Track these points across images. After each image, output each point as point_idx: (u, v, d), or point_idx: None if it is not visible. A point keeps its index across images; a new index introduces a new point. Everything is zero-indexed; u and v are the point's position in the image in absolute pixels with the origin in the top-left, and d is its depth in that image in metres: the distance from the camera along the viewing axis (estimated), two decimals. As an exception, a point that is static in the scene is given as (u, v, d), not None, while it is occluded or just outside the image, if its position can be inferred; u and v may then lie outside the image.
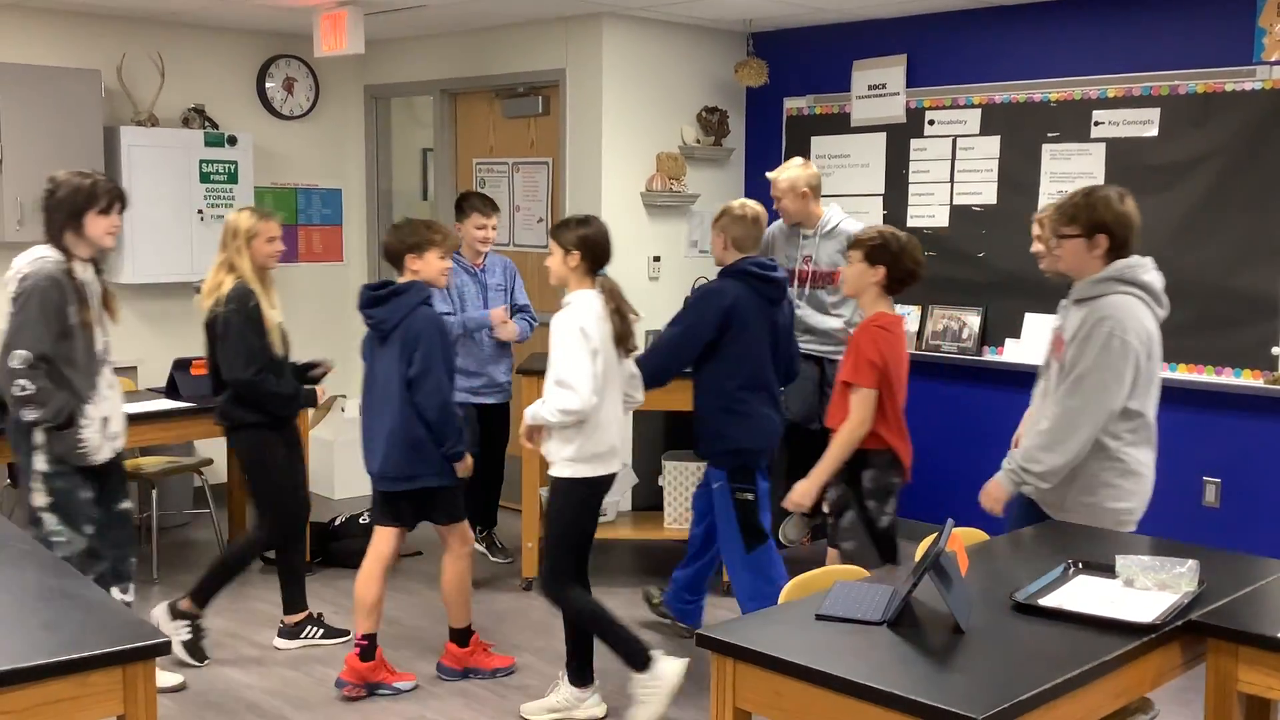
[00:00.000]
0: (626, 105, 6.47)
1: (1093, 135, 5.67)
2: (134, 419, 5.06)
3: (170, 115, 6.72)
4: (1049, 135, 5.81)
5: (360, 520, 5.81)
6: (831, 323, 5.41)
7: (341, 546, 5.86)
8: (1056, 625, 2.81)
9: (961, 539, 3.01)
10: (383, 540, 4.41)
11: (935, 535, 2.94)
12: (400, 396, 4.23)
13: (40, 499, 4.07)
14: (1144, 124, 5.52)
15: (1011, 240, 5.92)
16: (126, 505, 4.37)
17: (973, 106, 6.05)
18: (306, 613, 4.91)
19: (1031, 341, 5.81)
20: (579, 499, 4.05)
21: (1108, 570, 3.12)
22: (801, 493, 4.12)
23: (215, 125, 6.86)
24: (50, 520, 4.08)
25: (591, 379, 3.88)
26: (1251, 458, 5.31)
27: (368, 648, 4.36)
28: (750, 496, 4.52)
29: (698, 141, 6.75)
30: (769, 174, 5.38)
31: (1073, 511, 3.66)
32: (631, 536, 5.90)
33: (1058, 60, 5.78)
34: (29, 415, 3.98)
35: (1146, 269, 3.61)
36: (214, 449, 6.14)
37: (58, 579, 2.91)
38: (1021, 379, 5.91)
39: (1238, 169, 5.27)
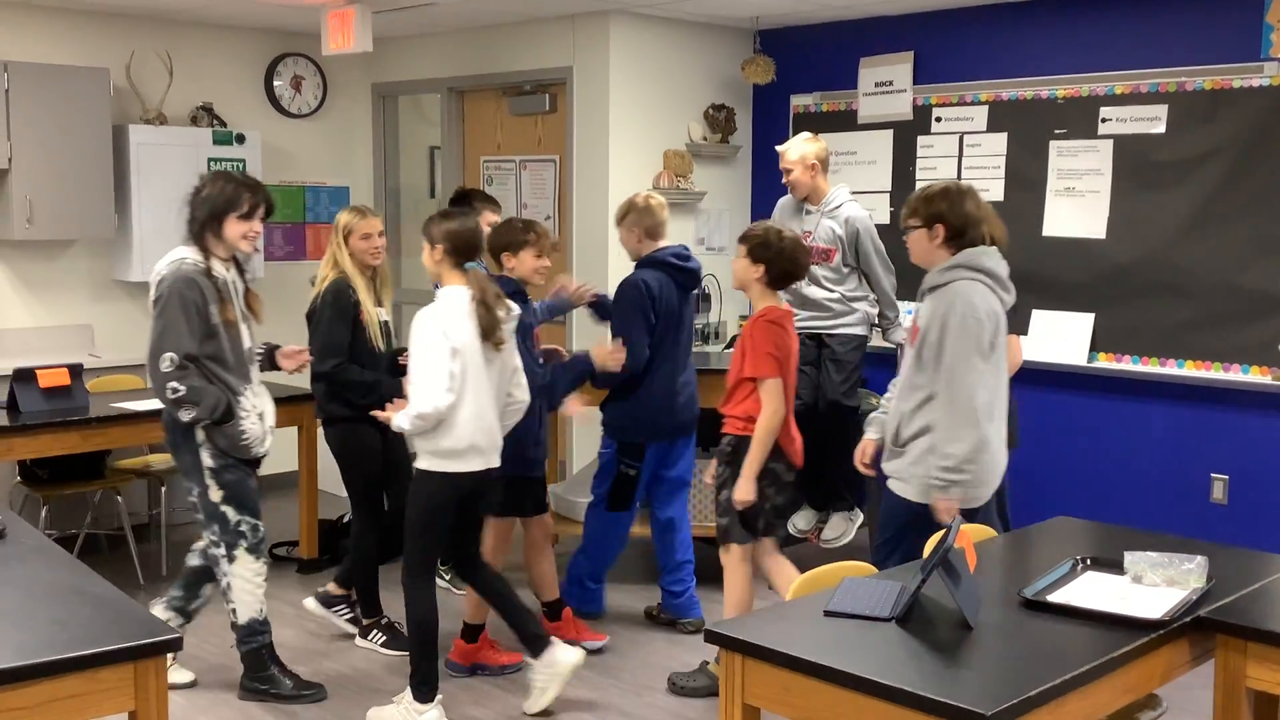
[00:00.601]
0: (634, 103, 6.47)
1: (1100, 132, 5.66)
2: (144, 416, 5.11)
3: (178, 113, 6.73)
4: (1056, 132, 5.80)
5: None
6: (825, 295, 5.37)
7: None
8: (1065, 621, 2.82)
9: (970, 535, 3.02)
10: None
11: (944, 532, 2.94)
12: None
13: (215, 494, 4.18)
14: (1151, 120, 5.51)
15: (1019, 237, 5.90)
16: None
17: (980, 103, 6.05)
18: (376, 618, 4.91)
19: (1040, 338, 5.81)
20: (431, 491, 4.02)
21: (1116, 566, 3.12)
22: (742, 491, 4.19)
23: (223, 123, 6.87)
24: (230, 513, 4.20)
25: (447, 379, 3.88)
26: (1259, 454, 5.31)
27: (476, 629, 4.54)
28: (632, 473, 4.90)
29: (705, 139, 6.75)
30: (778, 147, 5.39)
31: (914, 481, 3.69)
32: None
33: (1065, 57, 5.78)
34: (185, 416, 4.05)
35: (991, 256, 3.73)
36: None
37: (68, 575, 2.93)
38: (1030, 376, 5.92)
39: (1246, 165, 5.26)
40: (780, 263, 4.18)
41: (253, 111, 7.13)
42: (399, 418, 3.95)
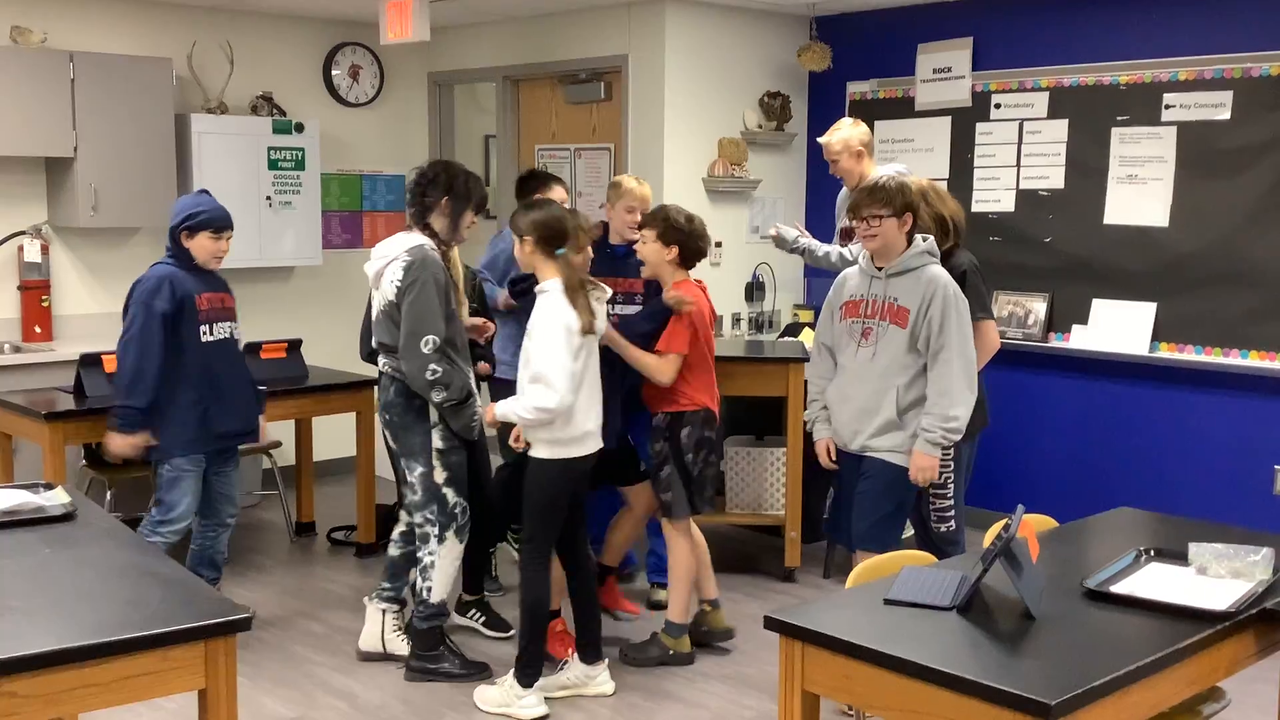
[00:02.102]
0: (689, 90, 6.47)
1: (1163, 119, 5.59)
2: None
3: (239, 103, 6.82)
4: (1118, 119, 5.73)
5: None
6: None
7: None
8: (1129, 612, 2.79)
9: (1032, 525, 3.00)
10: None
11: (1006, 521, 2.93)
12: None
13: (439, 475, 4.34)
14: (1216, 107, 5.43)
15: (1079, 225, 5.86)
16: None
17: (1040, 89, 5.99)
18: (478, 596, 4.96)
19: (1101, 328, 5.75)
20: (552, 478, 4.07)
21: (1180, 558, 3.09)
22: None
23: (283, 112, 6.95)
24: (450, 495, 4.37)
25: (570, 378, 3.94)
26: (1325, 446, 5.22)
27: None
28: None
29: (760, 127, 6.73)
30: (820, 139, 5.36)
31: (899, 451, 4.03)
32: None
33: (1127, 42, 5.70)
34: (437, 396, 4.21)
35: (932, 244, 4.12)
36: (283, 431, 6.23)
37: (139, 556, 2.98)
38: (1090, 366, 5.87)
39: (1313, 152, 5.17)
40: (691, 243, 4.44)
41: (311, 101, 7.20)
42: (514, 408, 3.98)
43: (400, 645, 4.56)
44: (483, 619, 4.88)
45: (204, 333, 4.49)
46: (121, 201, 6.20)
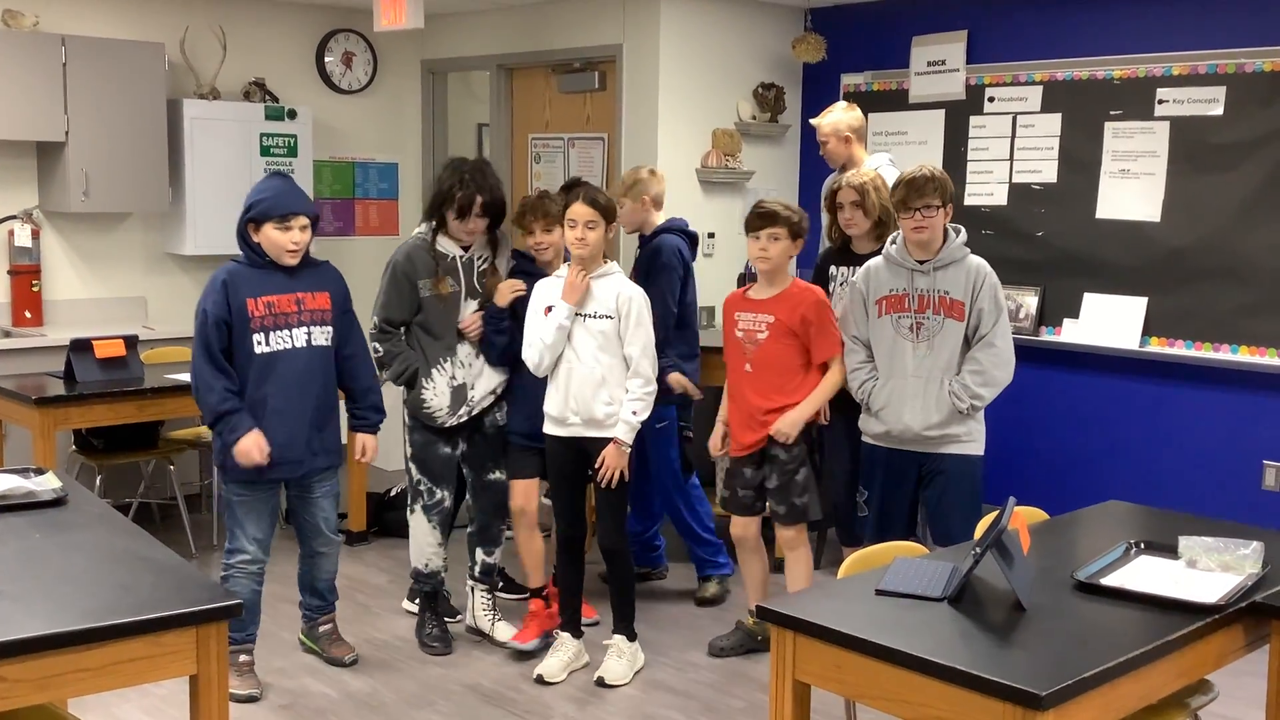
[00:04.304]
0: (683, 81, 6.46)
1: (1156, 113, 5.59)
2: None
3: (232, 88, 6.79)
4: (1111, 113, 5.73)
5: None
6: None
7: (397, 516, 5.91)
8: (1119, 605, 2.81)
9: (1023, 517, 3.01)
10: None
11: (997, 513, 2.94)
12: None
13: (407, 449, 4.58)
14: (1209, 102, 5.44)
15: (1071, 219, 5.87)
16: (494, 476, 4.62)
17: (1034, 83, 5.99)
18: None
19: (1092, 322, 5.76)
20: (631, 460, 4.23)
21: (1170, 550, 3.11)
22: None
23: (275, 99, 6.92)
24: (414, 470, 4.57)
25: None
26: (1314, 442, 5.25)
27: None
28: (690, 434, 5.12)
29: (754, 118, 6.73)
30: (813, 120, 5.37)
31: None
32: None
33: (1121, 36, 5.71)
34: (380, 374, 4.42)
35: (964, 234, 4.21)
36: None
37: (130, 542, 2.98)
38: (1080, 360, 5.88)
39: (1305, 148, 5.19)
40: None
41: (304, 87, 7.18)
42: (642, 406, 4.15)
43: (485, 622, 4.66)
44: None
45: (257, 342, 4.00)
46: (113, 186, 6.17)
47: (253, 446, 3.98)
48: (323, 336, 4.15)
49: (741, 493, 4.38)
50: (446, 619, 4.72)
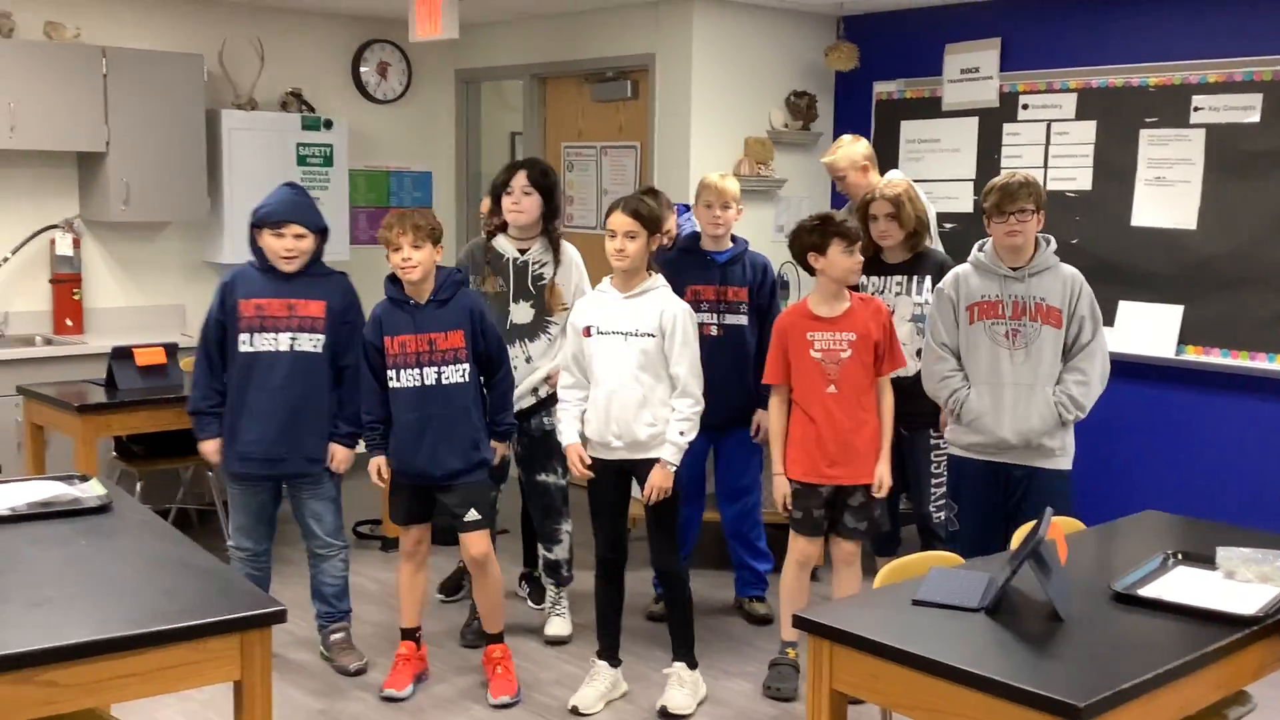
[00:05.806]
0: (715, 89, 6.48)
1: (1192, 121, 5.57)
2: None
3: (269, 99, 6.86)
4: (1147, 120, 5.71)
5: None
6: None
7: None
8: (1156, 616, 2.80)
9: (1060, 528, 3.01)
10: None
11: (1034, 524, 2.94)
12: None
13: None
14: (1245, 110, 5.41)
15: (1107, 227, 5.84)
16: (541, 478, 4.71)
17: (1068, 91, 5.97)
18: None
19: (1127, 330, 5.73)
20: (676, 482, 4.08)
21: (1207, 561, 3.10)
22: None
23: (312, 109, 6.99)
24: None
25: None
26: (1353, 451, 5.20)
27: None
28: None
29: (786, 126, 6.74)
30: (822, 159, 5.36)
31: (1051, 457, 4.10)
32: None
33: (1156, 43, 5.68)
34: None
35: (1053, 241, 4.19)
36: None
37: (174, 548, 3.02)
38: (1116, 368, 5.82)
39: (1344, 156, 5.15)
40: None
41: (340, 97, 7.25)
42: (686, 426, 4.00)
43: (554, 625, 4.78)
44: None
45: (242, 342, 4.19)
46: (152, 196, 6.25)
47: (211, 450, 4.33)
48: (310, 343, 4.22)
49: (816, 513, 4.14)
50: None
